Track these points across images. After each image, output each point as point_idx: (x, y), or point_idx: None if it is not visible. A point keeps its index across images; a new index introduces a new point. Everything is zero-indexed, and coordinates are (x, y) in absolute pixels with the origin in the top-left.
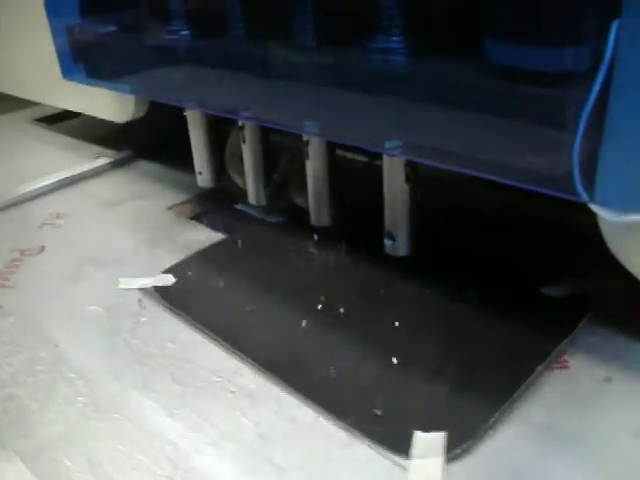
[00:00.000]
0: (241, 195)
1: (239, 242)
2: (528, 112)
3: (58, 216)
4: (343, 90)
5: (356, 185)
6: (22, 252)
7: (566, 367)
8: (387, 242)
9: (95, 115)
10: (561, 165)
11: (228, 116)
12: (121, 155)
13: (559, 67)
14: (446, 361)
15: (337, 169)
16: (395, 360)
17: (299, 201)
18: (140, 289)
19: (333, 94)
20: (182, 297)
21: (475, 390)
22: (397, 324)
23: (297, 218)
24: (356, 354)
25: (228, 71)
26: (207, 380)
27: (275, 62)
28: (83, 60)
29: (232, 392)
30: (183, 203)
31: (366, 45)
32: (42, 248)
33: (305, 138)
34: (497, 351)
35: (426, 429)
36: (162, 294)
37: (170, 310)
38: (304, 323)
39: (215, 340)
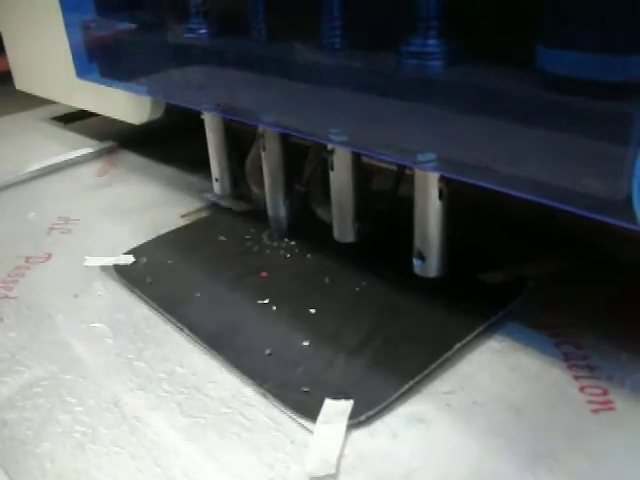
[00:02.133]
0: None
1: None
2: (584, 127)
3: (67, 221)
4: (373, 97)
5: (384, 196)
6: (27, 259)
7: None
8: (416, 262)
9: (110, 116)
10: (619, 188)
11: (247, 122)
12: (133, 158)
13: (623, 77)
14: (373, 336)
15: (364, 179)
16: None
17: (321, 214)
18: (101, 267)
19: (362, 101)
20: (138, 275)
21: (393, 363)
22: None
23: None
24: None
25: (249, 73)
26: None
27: (299, 65)
28: (97, 59)
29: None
30: (197, 211)
31: (400, 48)
32: (49, 256)
33: (330, 147)
34: (422, 329)
35: (338, 398)
36: (119, 272)
37: (126, 287)
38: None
39: (161, 314)
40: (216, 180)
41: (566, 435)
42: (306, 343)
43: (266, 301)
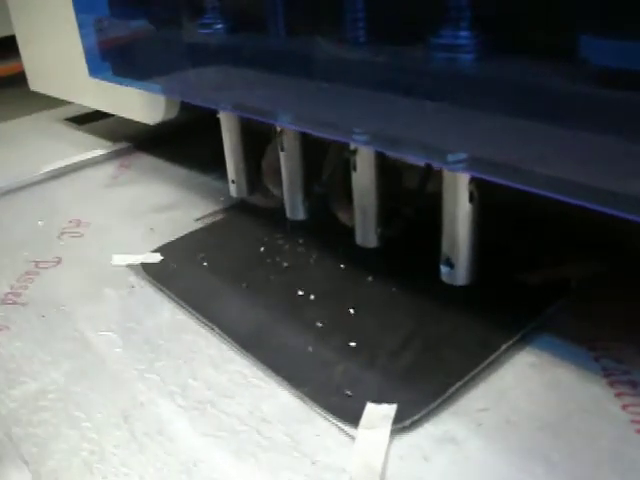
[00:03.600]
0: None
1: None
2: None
3: (79, 224)
4: (399, 93)
5: (410, 195)
6: (37, 264)
7: None
8: (444, 269)
9: (124, 116)
10: None
11: (266, 120)
12: (148, 160)
13: None
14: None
15: (393, 178)
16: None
17: (343, 217)
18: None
19: (387, 98)
20: (164, 273)
21: (436, 368)
22: None
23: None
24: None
25: (267, 70)
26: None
27: (320, 60)
28: (110, 57)
29: (210, 355)
30: (213, 214)
31: (429, 41)
32: (59, 260)
33: (353, 147)
34: (465, 332)
35: (380, 402)
36: (147, 270)
37: (154, 286)
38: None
39: (189, 311)
40: (232, 182)
41: (609, 458)
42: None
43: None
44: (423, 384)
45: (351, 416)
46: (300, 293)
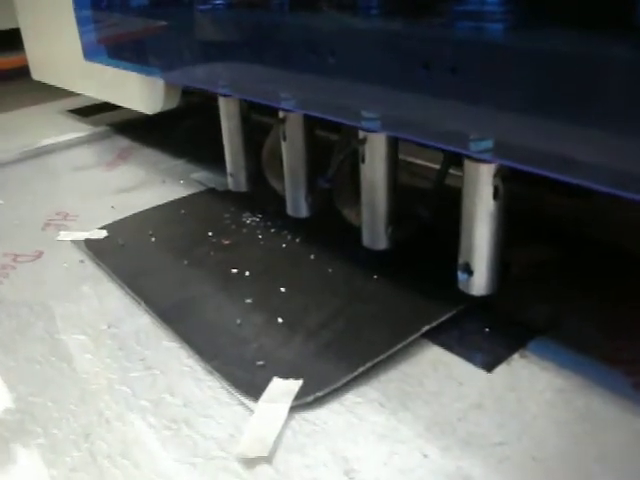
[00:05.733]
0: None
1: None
2: None
3: (66, 217)
4: (416, 70)
5: (424, 193)
6: (15, 258)
7: None
8: (461, 276)
9: (124, 105)
10: None
11: (267, 103)
12: (144, 152)
13: None
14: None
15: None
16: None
17: (349, 215)
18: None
19: (402, 75)
20: (105, 250)
21: (351, 347)
22: None
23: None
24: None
25: (270, 47)
26: None
27: (327, 33)
28: (105, 40)
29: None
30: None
31: (450, 8)
32: (39, 254)
33: (362, 135)
34: (389, 314)
35: (288, 377)
36: (89, 246)
37: (94, 262)
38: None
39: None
40: (231, 175)
41: None
42: None
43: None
44: (335, 362)
45: (255, 390)
46: (234, 270)
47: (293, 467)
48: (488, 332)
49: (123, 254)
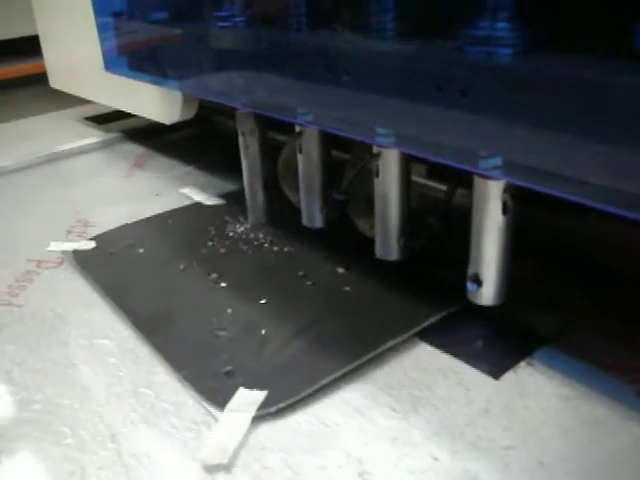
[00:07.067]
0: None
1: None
2: None
3: (86, 224)
4: (429, 90)
5: (436, 207)
6: (39, 263)
7: None
8: (471, 287)
9: (141, 115)
10: None
11: (284, 118)
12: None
13: None
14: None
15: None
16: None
17: (362, 226)
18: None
19: (416, 95)
20: (93, 260)
21: (318, 359)
22: None
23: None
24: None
25: (289, 65)
26: None
27: (344, 54)
28: (126, 52)
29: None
30: None
31: (463, 33)
32: (62, 260)
33: (376, 150)
34: (357, 327)
35: (254, 388)
36: (77, 257)
37: (81, 274)
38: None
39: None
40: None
41: None
42: None
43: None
44: (300, 374)
45: (222, 400)
46: (222, 284)
47: (309, 468)
48: (495, 341)
49: (109, 264)
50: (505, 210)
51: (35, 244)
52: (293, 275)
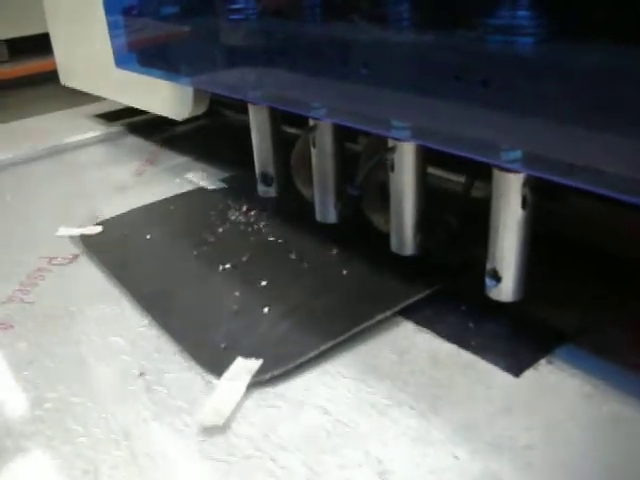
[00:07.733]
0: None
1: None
2: None
3: (97, 219)
4: (448, 81)
5: (453, 201)
6: (50, 260)
7: None
8: (489, 282)
9: (151, 111)
10: None
11: (297, 112)
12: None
13: None
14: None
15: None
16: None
17: (377, 221)
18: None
19: (434, 86)
20: (100, 244)
21: (311, 332)
22: None
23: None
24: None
25: (302, 57)
26: None
27: (358, 45)
28: (136, 48)
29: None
30: None
31: (482, 22)
32: (74, 257)
33: (391, 144)
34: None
35: (251, 357)
36: (85, 242)
37: (87, 255)
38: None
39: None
40: (262, 182)
41: None
42: None
43: None
44: (293, 345)
45: (220, 369)
46: (227, 266)
47: (328, 467)
48: (515, 338)
49: (115, 247)
50: (525, 204)
51: (47, 240)
52: (285, 257)
